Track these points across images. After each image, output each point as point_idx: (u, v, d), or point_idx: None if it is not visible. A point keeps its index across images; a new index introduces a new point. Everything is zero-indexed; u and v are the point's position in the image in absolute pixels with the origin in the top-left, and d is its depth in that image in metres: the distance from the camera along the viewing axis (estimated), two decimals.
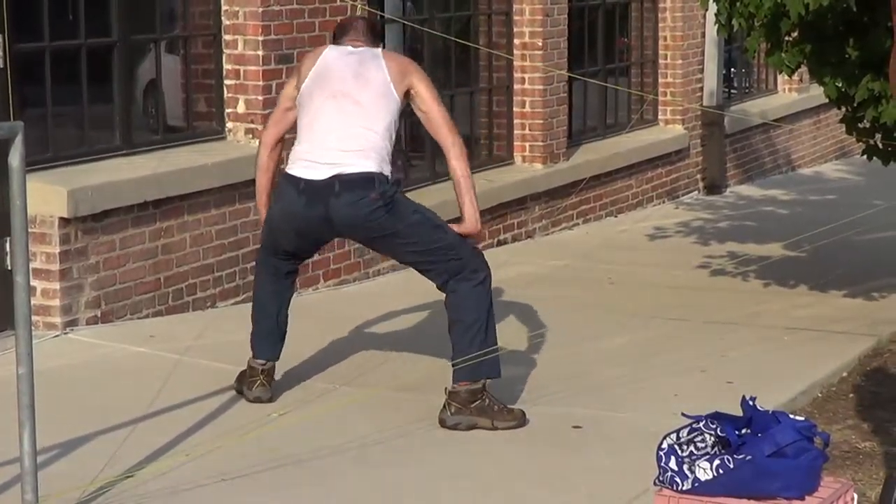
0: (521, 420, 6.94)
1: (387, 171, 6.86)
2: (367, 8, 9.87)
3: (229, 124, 9.24)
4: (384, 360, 7.87)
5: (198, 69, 9.21)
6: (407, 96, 6.97)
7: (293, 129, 6.98)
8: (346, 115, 6.86)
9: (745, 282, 10.45)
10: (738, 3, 8.31)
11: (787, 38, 8.71)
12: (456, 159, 7.07)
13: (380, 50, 7.11)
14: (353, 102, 6.88)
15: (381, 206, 6.82)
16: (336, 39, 7.16)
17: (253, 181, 7.32)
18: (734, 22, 8.51)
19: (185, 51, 9.26)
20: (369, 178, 6.79)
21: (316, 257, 8.44)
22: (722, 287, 10.28)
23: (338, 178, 6.77)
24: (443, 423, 6.87)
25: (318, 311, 7.72)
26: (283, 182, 6.93)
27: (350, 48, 7.04)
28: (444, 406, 6.88)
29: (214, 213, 8.76)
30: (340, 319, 8.68)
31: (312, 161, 6.82)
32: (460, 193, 7.10)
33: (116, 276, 8.24)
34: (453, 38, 11.10)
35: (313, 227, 6.92)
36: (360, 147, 6.83)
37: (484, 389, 6.91)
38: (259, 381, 7.11)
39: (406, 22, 11.16)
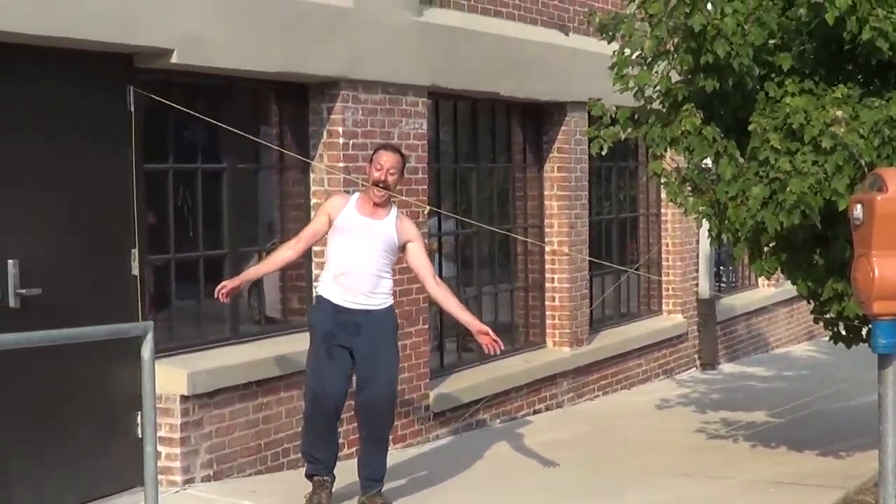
0: None
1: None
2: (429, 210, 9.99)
3: None
4: None
5: (292, 274, 9.26)
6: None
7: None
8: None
9: (735, 444, 10.34)
10: (725, 222, 8.32)
11: (765, 249, 8.71)
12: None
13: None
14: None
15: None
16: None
17: None
18: (723, 236, 8.53)
19: None
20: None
21: None
22: (717, 448, 10.17)
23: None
24: None
25: None
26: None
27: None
28: None
29: (303, 390, 8.73)
30: None
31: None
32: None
33: (226, 443, 8.21)
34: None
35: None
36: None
37: None
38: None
39: (461, 232, 11.23)
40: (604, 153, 8.84)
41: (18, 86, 7.18)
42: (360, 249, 7.63)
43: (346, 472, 7.96)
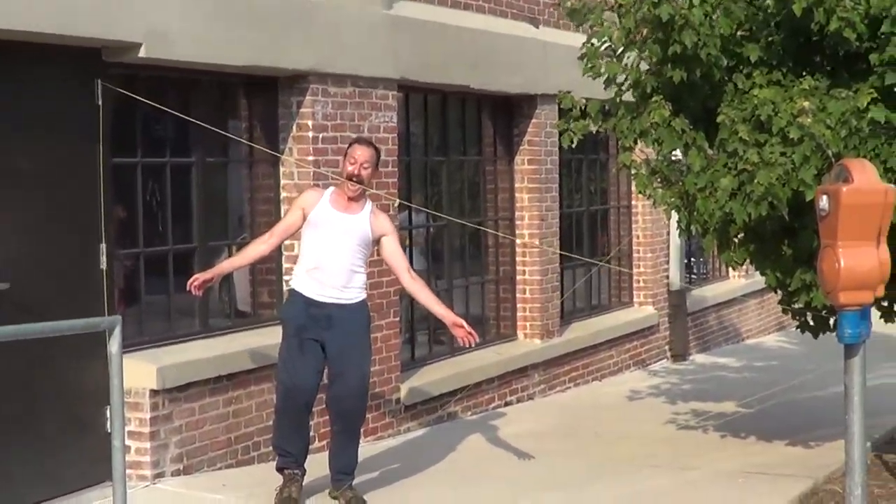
0: None
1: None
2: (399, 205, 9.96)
3: None
4: None
5: (262, 267, 9.22)
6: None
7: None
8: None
9: (705, 434, 10.35)
10: (694, 213, 8.32)
11: (734, 240, 8.70)
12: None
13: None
14: None
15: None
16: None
17: None
18: (692, 227, 8.52)
19: None
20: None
21: None
22: (687, 438, 10.18)
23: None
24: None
25: None
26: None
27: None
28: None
29: (273, 384, 8.70)
30: None
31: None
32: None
33: (196, 437, 8.17)
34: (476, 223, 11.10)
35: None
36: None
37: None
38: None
39: (431, 225, 11.22)
40: (574, 146, 8.83)
41: None
42: (333, 244, 7.60)
43: (317, 465, 7.94)
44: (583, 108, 8.76)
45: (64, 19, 7.20)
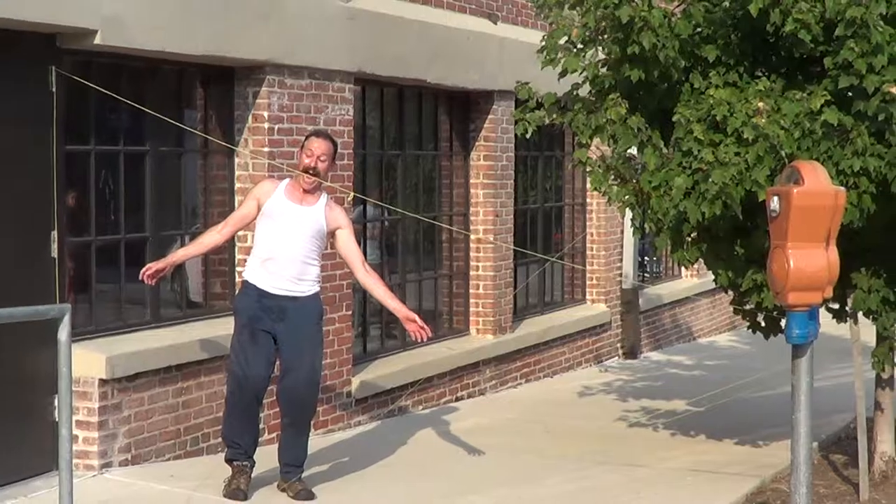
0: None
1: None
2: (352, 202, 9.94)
3: None
4: None
5: (215, 258, 9.19)
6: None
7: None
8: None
9: (655, 432, 10.39)
10: (648, 211, 8.35)
11: (687, 238, 8.74)
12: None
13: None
14: None
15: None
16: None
17: None
18: (646, 225, 8.55)
19: None
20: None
21: None
22: (637, 436, 10.22)
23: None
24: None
25: None
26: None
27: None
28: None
29: (224, 375, 8.67)
30: None
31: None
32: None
33: (144, 427, 8.13)
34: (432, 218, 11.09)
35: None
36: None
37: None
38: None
39: (386, 219, 11.20)
40: (528, 137, 8.82)
41: None
42: (288, 235, 7.59)
43: (267, 457, 7.92)
44: (539, 99, 8.77)
45: (18, 3, 7.14)
